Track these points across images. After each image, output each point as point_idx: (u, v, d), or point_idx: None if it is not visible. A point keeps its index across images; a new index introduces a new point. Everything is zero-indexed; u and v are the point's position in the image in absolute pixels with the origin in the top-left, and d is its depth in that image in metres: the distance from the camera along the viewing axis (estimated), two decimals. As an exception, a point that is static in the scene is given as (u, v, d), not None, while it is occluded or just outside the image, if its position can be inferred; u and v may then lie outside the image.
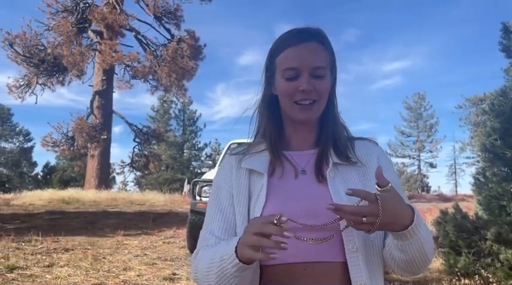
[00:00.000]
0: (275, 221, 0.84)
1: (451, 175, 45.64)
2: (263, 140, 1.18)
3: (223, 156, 7.55)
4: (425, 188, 41.90)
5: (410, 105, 44.83)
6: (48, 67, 19.90)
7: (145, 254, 6.28)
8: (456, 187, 44.81)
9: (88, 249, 6.47)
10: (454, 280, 4.96)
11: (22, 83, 20.57)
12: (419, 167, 45.75)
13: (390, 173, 1.09)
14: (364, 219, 0.86)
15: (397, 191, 0.91)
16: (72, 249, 6.36)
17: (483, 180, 5.66)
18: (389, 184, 0.89)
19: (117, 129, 59.22)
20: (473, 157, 38.93)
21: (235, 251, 0.90)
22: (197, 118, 37.41)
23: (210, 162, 8.52)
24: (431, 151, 45.36)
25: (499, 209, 5.26)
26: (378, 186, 0.89)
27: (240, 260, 0.89)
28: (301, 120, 1.11)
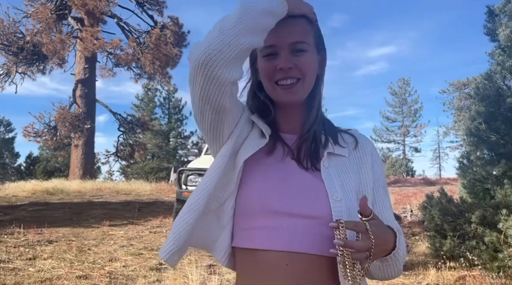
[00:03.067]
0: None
1: (435, 159, 46.33)
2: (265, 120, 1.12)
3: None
4: (410, 172, 42.34)
5: (395, 91, 45.12)
6: (28, 55, 19.38)
7: (132, 245, 6.21)
8: (440, 170, 45.52)
9: (72, 240, 6.37)
10: (439, 263, 5.02)
11: (1, 72, 20.05)
12: (404, 152, 46.21)
13: (380, 173, 1.07)
14: (361, 254, 0.81)
15: (378, 217, 0.88)
16: (56, 241, 6.26)
17: (467, 164, 5.72)
18: (372, 213, 0.86)
19: (101, 118, 58.48)
20: (456, 141, 39.47)
21: None
22: (183, 106, 37.02)
23: (196, 150, 8.44)
24: (415, 136, 45.86)
25: (483, 192, 5.32)
26: (362, 215, 0.85)
27: None
28: (284, 103, 1.04)
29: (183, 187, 6.08)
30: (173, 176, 21.98)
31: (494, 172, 4.98)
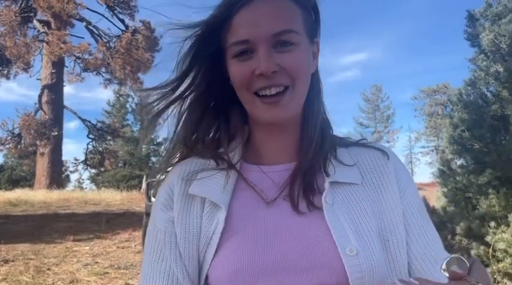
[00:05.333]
0: None
1: (408, 164, 47.06)
2: (221, 151, 0.79)
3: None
4: (384, 177, 42.80)
5: (368, 97, 45.72)
6: (-10, 59, 18.48)
7: (97, 262, 5.76)
8: (412, 175, 46.35)
9: (31, 259, 5.86)
10: (424, 277, 4.79)
11: (-39, 77, 19.03)
12: (377, 158, 46.89)
13: (412, 193, 0.75)
14: None
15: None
16: (13, 261, 5.74)
17: (448, 172, 5.55)
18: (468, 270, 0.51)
19: (72, 125, 56.74)
20: (428, 147, 40.27)
21: None
22: (155, 112, 36.53)
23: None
24: (388, 142, 46.45)
25: (465, 201, 5.16)
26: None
27: None
28: (268, 122, 0.73)
29: (153, 199, 5.67)
30: (145, 184, 21.39)
31: (477, 181, 4.80)
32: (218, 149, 0.80)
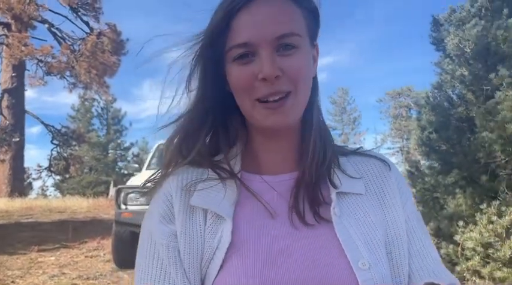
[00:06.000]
0: None
1: (374, 166, 48.16)
2: (218, 160, 0.76)
3: (151, 158, 6.96)
4: (351, 179, 43.56)
5: (335, 100, 46.47)
6: None
7: (64, 273, 5.54)
8: (379, 176, 47.48)
9: (-7, 272, 5.58)
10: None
11: None
12: (345, 159, 47.72)
13: (412, 206, 0.76)
14: None
15: None
16: (-27, 275, 5.45)
17: (417, 173, 5.68)
18: None
19: (34, 130, 54.66)
20: (393, 148, 41.29)
21: None
22: (122, 117, 35.73)
23: (136, 165, 7.84)
24: (355, 143, 47.37)
25: (433, 201, 5.29)
26: None
27: None
28: (270, 128, 0.69)
29: (123, 207, 5.50)
30: (112, 190, 20.89)
31: (446, 182, 4.94)
32: (213, 158, 0.77)
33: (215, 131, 0.78)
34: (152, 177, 0.79)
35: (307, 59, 0.70)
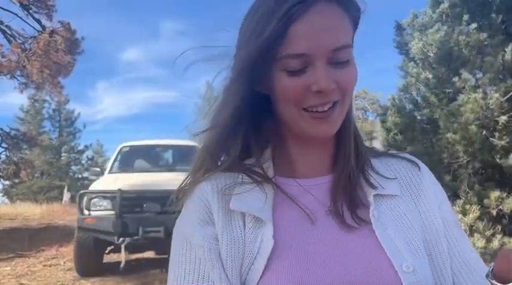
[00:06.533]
0: None
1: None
2: (250, 164, 0.73)
3: (114, 162, 6.74)
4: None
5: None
6: None
7: (22, 284, 5.24)
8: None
9: None
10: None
11: None
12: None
13: (448, 207, 0.76)
14: None
15: None
16: None
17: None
18: None
19: (-21, 133, 51.65)
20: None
21: None
22: (75, 119, 34.54)
23: (98, 169, 7.56)
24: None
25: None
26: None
27: None
28: (316, 137, 0.68)
29: (86, 212, 5.28)
30: (67, 195, 20.10)
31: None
32: (243, 161, 0.74)
33: (246, 134, 0.74)
34: (183, 184, 0.75)
35: (356, 70, 0.68)
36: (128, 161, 6.89)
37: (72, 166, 33.53)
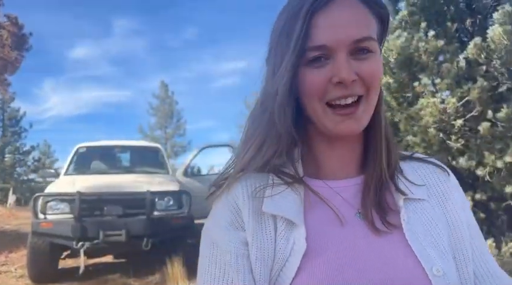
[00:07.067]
0: None
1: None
2: (278, 165, 0.72)
3: (70, 163, 6.47)
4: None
5: (250, 104, 47.34)
6: None
7: (-31, 294, 4.91)
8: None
9: None
10: None
11: None
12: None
13: (470, 213, 0.77)
14: None
15: None
16: None
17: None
18: None
19: None
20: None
21: None
22: (21, 117, 32.86)
23: (53, 171, 7.22)
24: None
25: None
26: None
27: None
28: (340, 135, 0.68)
29: (41, 216, 5.01)
30: (12, 198, 19.15)
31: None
32: (271, 162, 0.73)
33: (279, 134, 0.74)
34: (216, 184, 0.74)
35: (380, 64, 0.69)
36: (84, 162, 6.64)
37: (17, 168, 31.88)
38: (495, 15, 4.20)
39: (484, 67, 4.32)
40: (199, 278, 0.68)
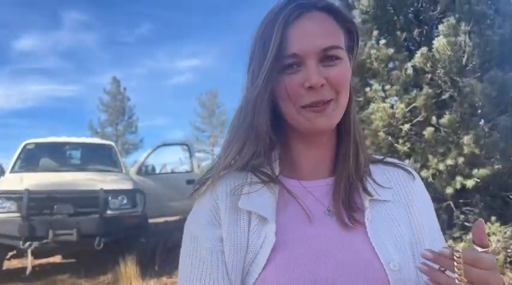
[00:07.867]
0: None
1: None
2: (256, 165, 0.79)
3: (17, 160, 6.20)
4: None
5: (204, 102, 46.96)
6: None
7: None
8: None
9: None
10: None
11: None
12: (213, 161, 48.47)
13: (433, 214, 0.84)
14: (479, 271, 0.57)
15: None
16: None
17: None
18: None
19: None
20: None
21: None
22: (-40, 111, 30.87)
23: (-3, 168, 6.88)
24: (223, 146, 48.46)
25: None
26: (478, 246, 0.62)
27: None
28: (314, 130, 0.75)
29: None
30: None
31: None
32: (252, 160, 0.79)
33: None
34: (199, 182, 0.82)
35: (348, 70, 0.76)
36: (32, 159, 6.38)
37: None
38: (440, 27, 4.48)
39: (430, 76, 4.59)
40: (180, 267, 0.75)
